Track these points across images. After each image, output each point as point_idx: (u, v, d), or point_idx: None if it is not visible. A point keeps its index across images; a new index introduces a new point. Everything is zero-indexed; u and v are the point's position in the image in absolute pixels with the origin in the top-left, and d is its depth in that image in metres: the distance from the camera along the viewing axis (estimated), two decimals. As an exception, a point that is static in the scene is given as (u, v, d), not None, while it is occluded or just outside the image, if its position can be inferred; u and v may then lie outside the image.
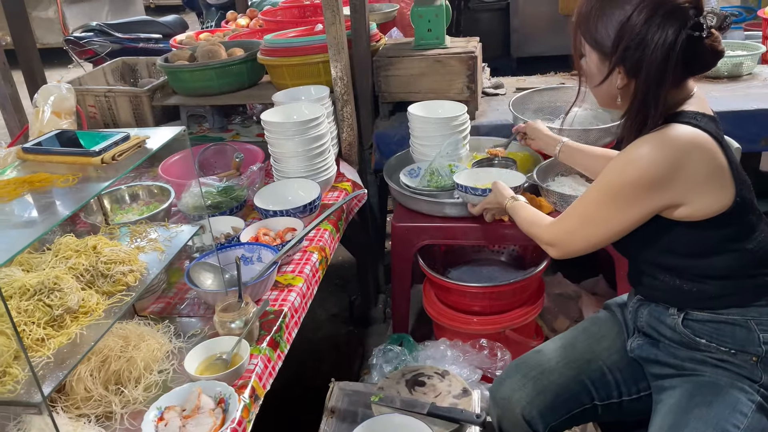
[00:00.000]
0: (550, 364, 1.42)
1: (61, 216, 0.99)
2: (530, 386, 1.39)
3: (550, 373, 1.40)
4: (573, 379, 1.40)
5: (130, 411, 1.27)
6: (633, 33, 1.16)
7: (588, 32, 1.24)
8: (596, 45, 1.23)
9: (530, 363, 1.44)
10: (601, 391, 1.41)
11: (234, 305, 1.47)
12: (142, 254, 1.33)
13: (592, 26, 1.22)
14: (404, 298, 2.20)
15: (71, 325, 1.10)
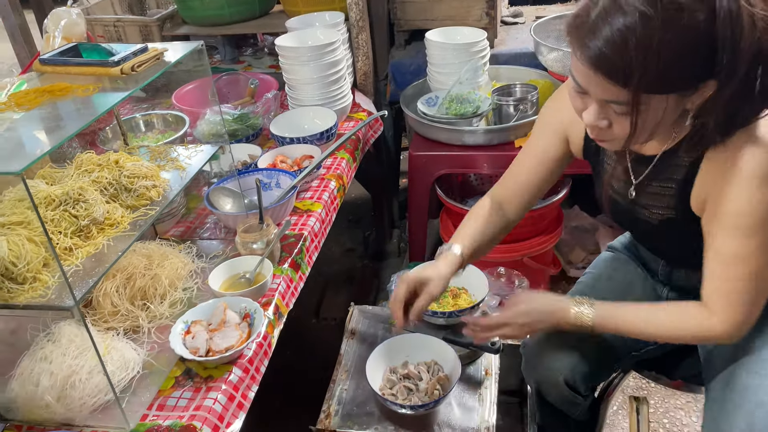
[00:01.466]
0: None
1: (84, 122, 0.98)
2: (571, 354, 1.32)
3: (589, 336, 1.27)
4: (611, 337, 1.32)
5: (156, 325, 1.28)
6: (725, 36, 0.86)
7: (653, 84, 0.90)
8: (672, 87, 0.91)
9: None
10: (638, 345, 1.35)
11: (255, 227, 1.47)
12: (163, 172, 1.31)
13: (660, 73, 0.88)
14: (421, 229, 2.20)
15: (97, 236, 1.10)
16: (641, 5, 0.85)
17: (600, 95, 0.95)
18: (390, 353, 1.51)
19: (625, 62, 0.87)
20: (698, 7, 0.85)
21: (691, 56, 0.88)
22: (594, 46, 0.89)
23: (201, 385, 1.16)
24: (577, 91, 0.99)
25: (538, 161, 1.30)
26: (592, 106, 0.98)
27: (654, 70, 0.87)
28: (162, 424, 1.09)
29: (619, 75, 0.89)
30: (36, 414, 1.08)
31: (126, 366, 1.15)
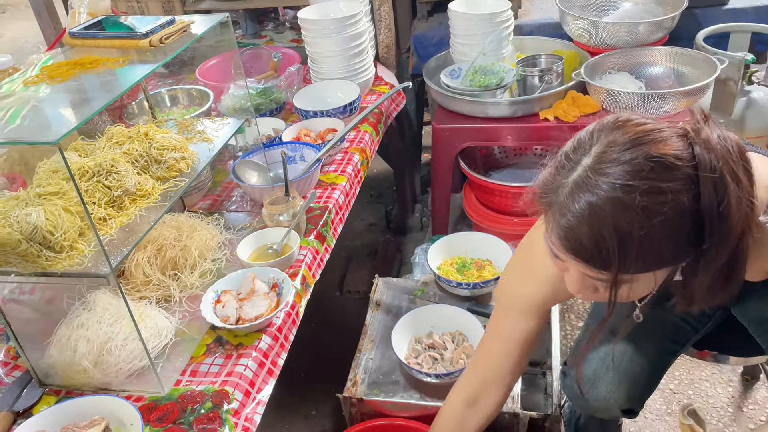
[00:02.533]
0: (634, 347, 1.25)
1: (116, 93, 0.99)
2: (626, 381, 1.24)
3: (637, 356, 1.24)
4: (657, 351, 1.27)
5: (187, 295, 1.31)
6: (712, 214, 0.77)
7: (635, 268, 0.81)
8: (657, 266, 0.82)
9: (615, 353, 1.26)
10: (681, 339, 1.31)
11: (281, 199, 1.48)
12: (191, 145, 1.33)
13: (642, 259, 0.79)
14: (444, 203, 2.20)
15: (130, 207, 1.12)
16: (617, 192, 0.75)
17: (580, 270, 0.85)
18: (415, 323, 1.53)
19: (601, 251, 0.78)
20: (681, 188, 0.75)
21: (677, 238, 0.78)
22: (566, 231, 0.79)
23: (232, 352, 1.19)
24: (555, 256, 0.87)
25: (516, 343, 1.13)
26: (574, 276, 0.87)
27: (634, 258, 0.77)
28: (195, 389, 1.12)
29: (597, 262, 0.80)
30: (74, 379, 1.12)
31: (159, 333, 1.18)
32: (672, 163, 0.76)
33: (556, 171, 0.83)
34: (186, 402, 1.10)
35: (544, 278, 1.07)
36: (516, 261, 1.16)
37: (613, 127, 0.81)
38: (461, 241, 1.73)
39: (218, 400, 1.09)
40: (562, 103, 1.91)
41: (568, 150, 0.83)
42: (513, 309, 1.13)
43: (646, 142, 0.77)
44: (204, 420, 1.06)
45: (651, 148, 0.76)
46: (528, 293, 1.10)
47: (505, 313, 1.15)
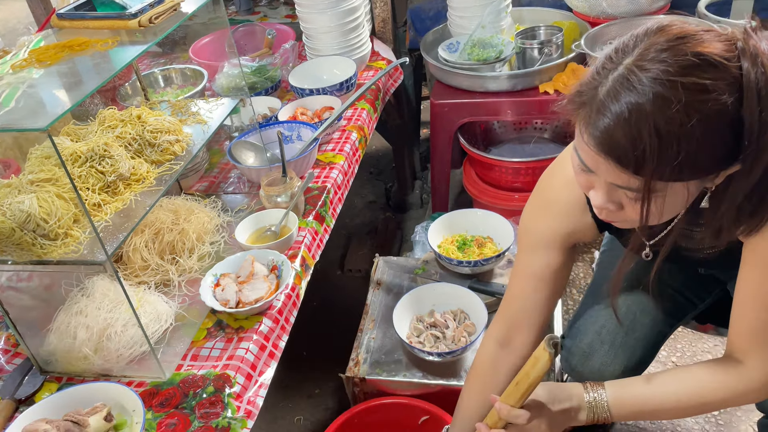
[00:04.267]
0: (631, 320, 1.25)
1: (106, 76, 0.97)
2: (621, 354, 1.23)
3: (634, 330, 1.24)
4: (654, 323, 1.26)
5: (186, 279, 1.30)
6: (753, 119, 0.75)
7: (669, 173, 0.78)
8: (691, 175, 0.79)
9: (611, 327, 1.26)
10: (678, 314, 1.30)
11: (279, 180, 1.46)
12: (186, 126, 1.31)
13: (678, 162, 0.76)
14: (444, 179, 2.18)
15: (125, 192, 1.10)
16: (658, 86, 0.73)
17: (609, 179, 0.82)
18: (416, 302, 1.52)
19: (637, 150, 0.75)
20: (725, 89, 0.73)
21: (715, 143, 0.76)
22: (602, 129, 0.77)
23: (233, 336, 1.18)
24: (582, 169, 0.85)
25: (542, 283, 1.11)
26: (599, 189, 0.85)
27: (671, 159, 0.75)
28: (197, 373, 1.11)
29: (630, 162, 0.77)
30: (75, 365, 1.11)
31: (159, 318, 1.17)
32: (717, 61, 0.74)
33: (596, 72, 0.80)
34: (188, 386, 1.09)
35: (563, 211, 1.05)
36: (534, 199, 1.12)
37: (657, 30, 0.80)
38: (462, 218, 1.71)
39: (220, 384, 1.09)
40: (562, 75, 1.87)
41: (609, 53, 0.81)
42: (533, 245, 1.11)
43: (692, 41, 0.76)
44: (206, 404, 1.06)
45: (696, 47, 0.75)
46: (546, 227, 1.08)
47: (526, 251, 1.12)
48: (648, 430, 1.67)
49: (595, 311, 1.28)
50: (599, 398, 0.99)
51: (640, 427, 1.68)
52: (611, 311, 1.25)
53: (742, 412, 1.69)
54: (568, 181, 0.98)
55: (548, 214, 1.08)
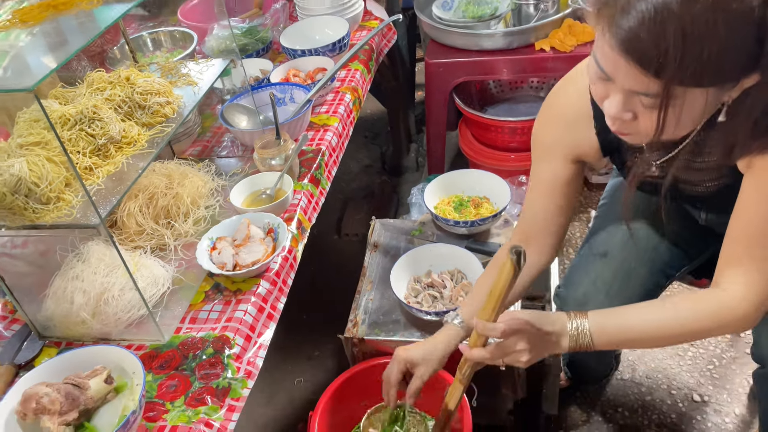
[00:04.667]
0: (627, 271, 1.26)
1: (92, 35, 0.94)
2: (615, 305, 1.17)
3: (629, 280, 1.26)
4: (650, 274, 1.27)
5: (182, 243, 1.30)
6: None
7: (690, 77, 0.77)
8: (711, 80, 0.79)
9: (606, 277, 1.27)
10: (675, 265, 1.30)
11: (272, 142, 1.45)
12: (176, 88, 1.28)
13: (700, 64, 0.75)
14: (439, 141, 2.16)
15: (116, 155, 1.09)
16: None
17: (627, 85, 0.82)
18: (413, 263, 1.52)
19: (660, 49, 0.74)
20: None
21: (739, 46, 0.75)
22: (625, 27, 0.76)
23: (231, 299, 1.18)
24: (600, 77, 0.85)
25: (550, 191, 1.14)
26: (616, 96, 0.85)
27: (693, 61, 0.74)
28: (196, 335, 1.12)
29: (652, 63, 0.76)
30: (73, 330, 1.11)
31: (156, 282, 1.17)
32: None
33: None
34: (187, 349, 1.10)
35: (569, 122, 1.08)
36: (543, 111, 1.15)
37: None
38: (458, 179, 1.70)
39: (219, 345, 1.09)
40: (558, 32, 1.84)
41: None
42: (541, 155, 1.14)
43: None
44: (206, 365, 1.07)
45: None
46: (553, 137, 1.11)
47: (537, 162, 1.16)
48: (644, 384, 1.70)
49: (591, 262, 1.29)
50: (581, 327, 0.99)
51: (635, 382, 1.71)
52: (607, 262, 1.27)
53: (737, 365, 1.71)
54: (578, 93, 1.04)
55: (555, 124, 1.11)
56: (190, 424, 0.98)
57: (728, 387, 1.66)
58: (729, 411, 1.61)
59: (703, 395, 1.65)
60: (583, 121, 1.06)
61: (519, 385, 1.45)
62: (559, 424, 1.61)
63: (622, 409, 1.64)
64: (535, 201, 1.17)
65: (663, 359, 1.75)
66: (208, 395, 1.02)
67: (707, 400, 1.64)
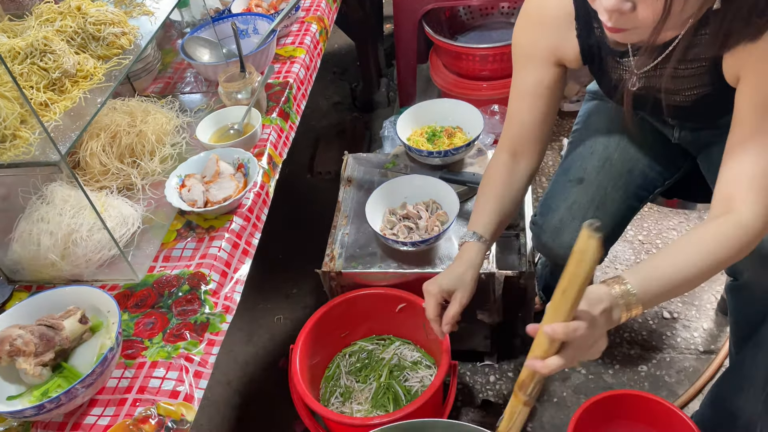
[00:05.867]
0: (602, 196, 1.26)
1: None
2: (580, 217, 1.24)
3: (605, 205, 1.25)
4: (625, 199, 1.27)
5: (150, 182, 1.26)
6: None
7: None
8: None
9: (583, 202, 1.26)
10: (649, 187, 1.31)
11: (237, 75, 1.40)
12: (131, 19, 1.22)
13: None
14: (410, 73, 2.12)
15: (72, 90, 1.04)
16: None
17: None
18: (388, 196, 1.51)
19: None
20: None
21: None
22: None
23: (204, 236, 1.16)
24: None
25: (534, 96, 1.14)
26: None
27: None
28: (170, 273, 1.10)
29: None
30: (43, 273, 1.09)
31: (125, 222, 1.14)
32: None
33: None
34: (162, 286, 1.08)
35: (549, 23, 1.08)
36: (522, 15, 1.14)
37: None
38: (430, 109, 1.68)
39: (195, 282, 1.08)
40: (528, -47, 1.78)
41: None
42: (523, 60, 1.14)
43: None
44: (183, 302, 1.06)
45: None
46: (533, 40, 1.11)
47: (518, 68, 1.16)
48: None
49: (566, 188, 1.29)
50: (627, 290, 0.88)
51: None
52: (582, 188, 1.27)
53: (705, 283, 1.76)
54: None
55: (535, 27, 1.10)
56: (170, 359, 0.97)
57: (696, 304, 1.72)
58: (697, 326, 1.67)
59: (672, 312, 1.71)
60: (564, 22, 1.05)
61: (495, 310, 1.48)
62: (534, 347, 1.65)
63: (595, 329, 1.69)
64: (520, 109, 1.17)
65: (634, 280, 1.80)
66: (187, 330, 1.01)
67: (677, 317, 1.69)
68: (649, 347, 1.63)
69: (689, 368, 1.57)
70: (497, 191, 1.19)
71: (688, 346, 1.63)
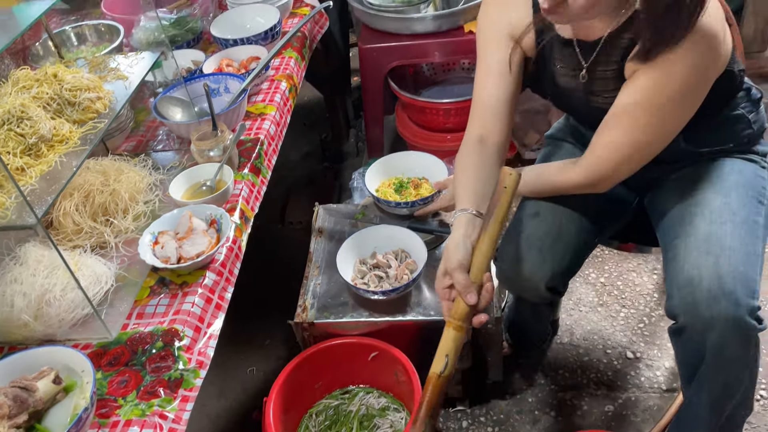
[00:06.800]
0: (557, 228, 1.32)
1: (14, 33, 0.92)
2: (549, 259, 1.30)
3: (560, 236, 1.32)
4: (579, 232, 1.34)
5: (123, 239, 1.28)
6: None
7: None
8: None
9: (539, 234, 1.32)
10: (602, 221, 1.38)
11: (209, 134, 1.44)
12: (106, 84, 1.26)
13: None
14: (377, 124, 2.20)
15: (48, 154, 1.07)
16: None
17: None
18: (358, 246, 1.56)
19: None
20: None
21: None
22: None
23: (177, 292, 1.19)
24: None
25: (500, 75, 1.21)
26: None
27: None
28: (144, 330, 1.11)
29: None
30: (16, 334, 1.09)
31: (99, 280, 1.16)
32: None
33: None
34: (136, 344, 1.10)
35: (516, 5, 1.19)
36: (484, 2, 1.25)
37: None
38: (397, 161, 1.74)
39: (168, 338, 1.09)
40: (485, 14, 1.90)
41: None
42: (486, 41, 1.23)
43: None
44: (157, 359, 1.07)
45: None
46: (494, 19, 1.22)
47: (482, 50, 1.24)
48: (581, 346, 1.80)
49: (523, 222, 1.35)
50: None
51: (573, 344, 1.80)
52: (538, 221, 1.34)
53: (665, 322, 1.83)
54: None
55: (500, 7, 1.22)
56: (144, 417, 0.98)
57: (658, 343, 1.78)
58: (660, 365, 1.73)
59: (635, 352, 1.76)
60: (522, 4, 1.18)
61: (466, 355, 1.51)
62: (504, 390, 1.69)
63: (562, 371, 1.74)
64: (486, 89, 1.23)
65: (598, 321, 1.86)
66: (161, 387, 1.03)
67: (639, 357, 1.75)
68: (615, 387, 1.68)
69: (654, 407, 1.62)
70: (473, 173, 1.22)
71: (651, 385, 1.68)
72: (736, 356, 1.14)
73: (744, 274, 1.10)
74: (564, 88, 1.24)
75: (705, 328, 1.11)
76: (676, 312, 1.16)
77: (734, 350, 1.13)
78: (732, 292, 1.08)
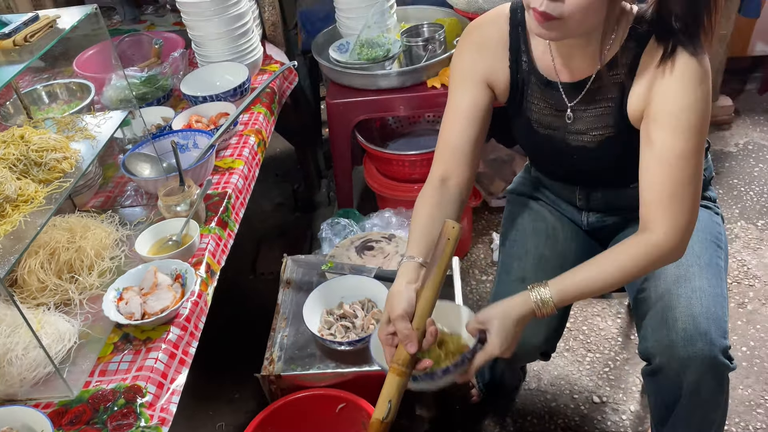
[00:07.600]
0: None
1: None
2: (542, 325, 1.31)
3: None
4: None
5: (87, 296, 1.29)
6: None
7: None
8: None
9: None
10: None
11: (176, 189, 1.47)
12: (73, 143, 1.29)
13: None
14: (346, 176, 2.24)
15: (13, 214, 1.08)
16: None
17: None
18: (325, 297, 1.58)
19: None
20: None
21: None
22: None
23: (140, 347, 1.19)
24: None
25: (468, 118, 1.22)
26: None
27: None
28: (106, 388, 1.11)
29: None
30: (-25, 395, 1.08)
31: (61, 338, 1.16)
32: None
33: None
34: (98, 402, 1.09)
35: (485, 45, 1.21)
36: (461, 42, 1.26)
37: None
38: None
39: (131, 395, 1.09)
40: (447, 69, 1.98)
41: None
42: (459, 82, 1.24)
43: None
44: (118, 416, 1.07)
45: None
46: (469, 61, 1.23)
47: (454, 91, 1.25)
48: (549, 392, 1.81)
49: (511, 287, 1.34)
50: (544, 296, 1.11)
51: (541, 390, 1.82)
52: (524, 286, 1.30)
53: (629, 366, 1.87)
54: (496, 24, 1.20)
55: (476, 49, 1.23)
56: (104, 478, 0.98)
57: (623, 387, 1.81)
58: (625, 409, 1.75)
59: (601, 396, 1.79)
60: (499, 49, 1.20)
61: (434, 404, 1.52)
62: (474, 438, 1.69)
63: (530, 417, 1.75)
64: (454, 131, 1.23)
65: (564, 366, 1.88)
66: (121, 446, 1.02)
67: (606, 401, 1.77)
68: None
69: (621, 451, 1.64)
70: (428, 212, 1.21)
71: (618, 429, 1.70)
72: (711, 395, 1.17)
73: (715, 314, 1.14)
74: (542, 131, 1.24)
75: (681, 368, 1.13)
76: (651, 353, 1.18)
77: (709, 389, 1.16)
78: (707, 332, 1.11)
